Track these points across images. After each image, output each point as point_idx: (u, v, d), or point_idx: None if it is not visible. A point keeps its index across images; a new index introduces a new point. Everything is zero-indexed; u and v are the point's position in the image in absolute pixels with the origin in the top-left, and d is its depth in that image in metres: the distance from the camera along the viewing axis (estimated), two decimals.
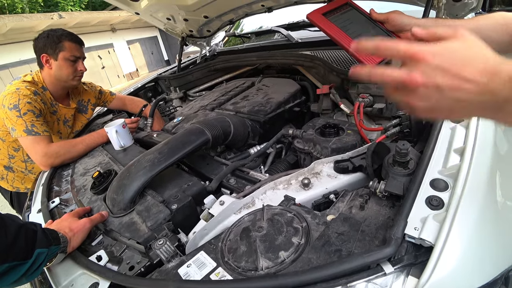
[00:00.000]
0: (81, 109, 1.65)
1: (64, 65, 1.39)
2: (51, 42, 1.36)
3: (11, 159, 1.50)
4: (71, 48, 1.39)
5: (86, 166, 1.23)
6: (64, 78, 1.42)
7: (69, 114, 1.55)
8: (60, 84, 1.46)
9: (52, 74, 1.41)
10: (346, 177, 0.77)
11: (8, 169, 1.55)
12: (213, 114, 1.37)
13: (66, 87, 1.49)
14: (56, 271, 0.70)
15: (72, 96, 1.60)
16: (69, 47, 1.39)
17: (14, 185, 1.60)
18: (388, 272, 0.44)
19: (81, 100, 1.66)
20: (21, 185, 1.61)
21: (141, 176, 0.85)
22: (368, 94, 1.08)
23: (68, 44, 1.39)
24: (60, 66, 1.39)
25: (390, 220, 0.56)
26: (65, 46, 1.38)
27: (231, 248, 0.58)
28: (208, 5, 1.72)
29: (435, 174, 0.58)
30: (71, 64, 1.41)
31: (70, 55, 1.39)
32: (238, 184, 0.90)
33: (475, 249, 0.45)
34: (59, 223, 0.78)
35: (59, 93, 1.49)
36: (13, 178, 1.58)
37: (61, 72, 1.40)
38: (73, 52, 1.40)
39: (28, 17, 9.42)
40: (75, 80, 1.46)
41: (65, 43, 1.38)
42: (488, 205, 0.51)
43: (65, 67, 1.40)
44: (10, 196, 1.67)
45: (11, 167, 1.54)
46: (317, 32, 1.91)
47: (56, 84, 1.44)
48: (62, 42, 1.37)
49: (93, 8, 15.03)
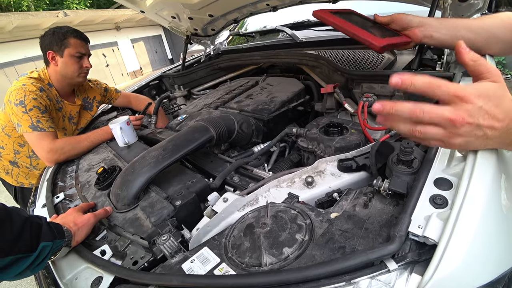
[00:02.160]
0: (86, 106, 1.67)
1: (70, 62, 1.41)
2: (56, 39, 1.38)
3: (16, 154, 1.51)
4: (77, 44, 1.41)
5: (90, 162, 1.24)
6: (69, 74, 1.43)
7: (74, 111, 1.56)
8: (65, 81, 1.47)
9: (58, 71, 1.42)
10: (350, 176, 0.77)
11: (13, 164, 1.56)
12: (217, 112, 1.38)
13: (71, 83, 1.51)
14: (60, 264, 0.71)
15: (78, 93, 1.61)
16: (74, 44, 1.40)
17: (19, 180, 1.62)
18: (391, 269, 0.44)
19: (87, 97, 1.67)
20: (25, 180, 1.62)
21: (145, 172, 0.86)
22: (372, 94, 1.08)
23: (74, 41, 1.40)
24: (66, 63, 1.40)
25: (394, 218, 0.56)
26: (71, 43, 1.39)
27: (235, 244, 0.58)
28: (213, 4, 1.73)
29: (439, 173, 0.58)
30: (77, 60, 1.42)
31: (75, 52, 1.40)
32: (241, 182, 0.90)
33: (478, 248, 0.45)
34: (63, 217, 0.79)
35: (65, 90, 1.51)
36: (18, 173, 1.60)
37: (67, 69, 1.42)
38: (78, 48, 1.41)
39: (33, 14, 9.46)
40: (80, 76, 1.47)
41: (71, 40, 1.39)
42: (492, 204, 0.51)
43: (70, 63, 1.41)
44: (15, 191, 1.69)
45: (16, 162, 1.55)
46: (321, 32, 1.92)
47: (62, 81, 1.46)
48: (67, 39, 1.38)
49: (98, 7, 15.10)
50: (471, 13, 1.14)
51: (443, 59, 1.12)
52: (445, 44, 0.92)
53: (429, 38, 0.89)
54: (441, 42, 0.90)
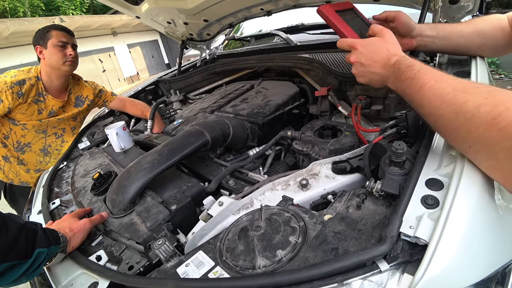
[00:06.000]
0: (77, 104, 1.71)
1: (53, 51, 1.49)
2: (40, 34, 1.50)
3: (4, 148, 1.57)
4: (58, 35, 1.50)
5: (86, 167, 1.24)
6: (55, 64, 1.50)
7: (57, 106, 1.59)
8: (54, 72, 1.53)
9: (46, 63, 1.51)
10: (344, 178, 0.77)
11: (6, 160, 1.61)
12: (213, 117, 1.38)
13: (59, 75, 1.55)
14: (55, 270, 0.70)
15: (72, 90, 1.66)
16: (56, 35, 1.49)
17: (9, 177, 1.66)
18: (383, 270, 0.45)
19: (80, 95, 1.72)
20: (15, 177, 1.66)
21: (141, 177, 0.86)
22: (365, 96, 1.09)
23: (55, 32, 1.50)
24: (50, 53, 1.49)
25: (386, 219, 0.56)
26: (52, 34, 1.49)
27: (229, 247, 0.58)
28: (208, 9, 1.74)
29: (431, 173, 0.59)
30: (60, 49, 1.50)
31: (57, 41, 1.49)
32: (237, 185, 0.91)
33: (469, 247, 0.46)
34: (59, 223, 0.79)
35: (54, 84, 1.56)
36: (9, 169, 1.64)
37: (52, 58, 1.49)
38: (59, 38, 1.50)
39: (29, 21, 9.46)
40: (66, 65, 1.53)
41: (52, 31, 1.50)
42: (483, 204, 0.51)
43: (54, 52, 1.49)
44: (4, 188, 1.73)
45: (7, 157, 1.60)
46: (315, 35, 1.93)
47: (50, 72, 1.53)
48: (49, 32, 1.49)
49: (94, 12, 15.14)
50: (461, 15, 1.16)
51: (435, 60, 1.13)
52: (438, 51, 1.00)
53: (423, 47, 0.94)
54: (435, 50, 0.97)
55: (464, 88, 0.54)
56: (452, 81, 0.57)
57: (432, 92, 0.58)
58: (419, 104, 0.62)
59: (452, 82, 0.57)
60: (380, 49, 0.73)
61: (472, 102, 0.51)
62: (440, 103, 0.56)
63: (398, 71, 0.68)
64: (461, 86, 0.55)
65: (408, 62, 0.67)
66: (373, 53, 0.73)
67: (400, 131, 0.87)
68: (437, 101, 0.57)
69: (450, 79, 0.58)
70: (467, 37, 0.89)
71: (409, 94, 0.65)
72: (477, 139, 0.50)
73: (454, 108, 0.53)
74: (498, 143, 0.46)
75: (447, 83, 0.57)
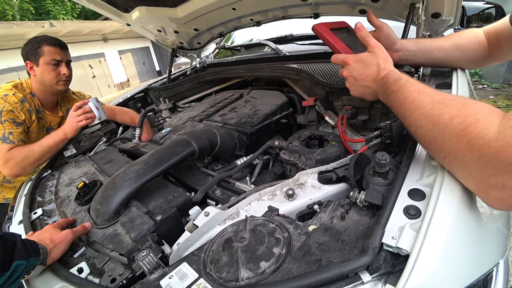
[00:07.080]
0: None
1: (46, 70, 1.37)
2: (31, 48, 1.36)
3: None
4: (51, 52, 1.37)
5: (71, 176, 1.21)
6: (47, 83, 1.40)
7: (55, 121, 1.54)
8: (46, 90, 1.44)
9: (37, 80, 1.40)
10: (330, 187, 0.78)
11: None
12: (201, 126, 1.38)
13: (52, 92, 1.48)
14: (35, 283, 0.68)
15: (62, 104, 1.60)
16: (48, 52, 1.36)
17: None
18: (365, 281, 0.45)
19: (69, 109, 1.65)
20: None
21: (126, 187, 0.85)
22: (352, 106, 1.10)
23: (47, 48, 1.36)
24: (42, 72, 1.37)
25: (370, 229, 0.57)
26: (44, 51, 1.36)
27: (213, 259, 0.58)
28: (198, 18, 1.75)
29: (413, 183, 0.60)
30: (53, 68, 1.39)
31: (50, 59, 1.37)
32: (223, 195, 0.90)
33: (450, 257, 0.46)
34: (40, 234, 0.77)
35: (48, 100, 1.49)
36: None
37: (44, 77, 1.39)
38: (52, 55, 1.37)
39: (18, 24, 9.36)
40: (59, 84, 1.43)
41: (44, 47, 1.36)
42: (464, 213, 0.52)
43: (47, 72, 1.38)
44: None
45: None
46: (304, 46, 1.96)
47: (42, 90, 1.43)
48: (41, 47, 1.35)
49: (85, 18, 15.06)
50: (444, 28, 1.19)
51: (419, 71, 1.16)
52: (419, 65, 1.05)
53: (405, 61, 0.98)
54: (415, 64, 1.01)
55: (443, 100, 0.56)
56: (433, 94, 0.59)
57: (414, 104, 0.60)
58: (403, 115, 0.64)
59: (433, 94, 0.59)
60: (370, 64, 0.78)
61: (447, 114, 0.52)
62: (420, 114, 0.58)
63: (386, 84, 0.72)
64: (440, 98, 0.57)
65: (395, 77, 0.70)
66: (364, 68, 0.78)
67: (385, 141, 0.88)
68: (418, 113, 0.59)
69: (431, 92, 0.60)
70: (447, 51, 0.93)
71: (395, 107, 0.67)
72: (450, 150, 0.52)
73: (432, 119, 0.55)
74: (468, 153, 0.48)
75: (427, 95, 0.59)
